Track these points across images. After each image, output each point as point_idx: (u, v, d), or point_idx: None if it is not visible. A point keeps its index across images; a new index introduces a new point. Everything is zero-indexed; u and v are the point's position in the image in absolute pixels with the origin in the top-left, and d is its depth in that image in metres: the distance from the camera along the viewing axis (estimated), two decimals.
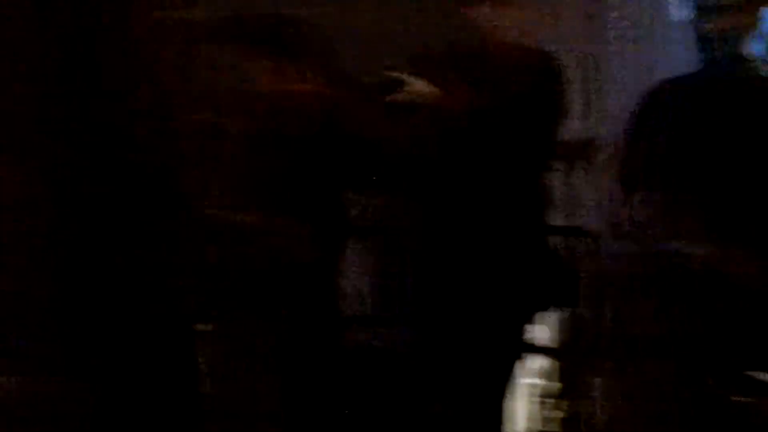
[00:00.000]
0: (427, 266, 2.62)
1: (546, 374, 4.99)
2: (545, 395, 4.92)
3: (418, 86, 2.48)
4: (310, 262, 2.45)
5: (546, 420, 4.71)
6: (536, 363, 5.10)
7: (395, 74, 2.52)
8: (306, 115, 2.46)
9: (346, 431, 2.58)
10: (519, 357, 2.64)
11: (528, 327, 2.63)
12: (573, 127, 5.11)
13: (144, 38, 2.02)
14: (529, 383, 5.06)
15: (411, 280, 2.76)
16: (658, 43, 4.37)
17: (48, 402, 2.00)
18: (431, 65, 2.52)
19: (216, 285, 2.27)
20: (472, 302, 2.47)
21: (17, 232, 1.97)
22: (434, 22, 2.82)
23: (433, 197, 2.51)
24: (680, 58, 3.18)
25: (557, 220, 5.34)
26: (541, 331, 5.24)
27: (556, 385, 4.88)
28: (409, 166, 2.48)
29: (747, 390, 2.20)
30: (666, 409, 2.34)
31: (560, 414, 4.67)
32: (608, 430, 3.88)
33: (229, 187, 2.42)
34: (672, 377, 2.44)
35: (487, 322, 2.49)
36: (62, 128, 1.97)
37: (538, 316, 2.99)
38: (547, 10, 2.97)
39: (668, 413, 2.33)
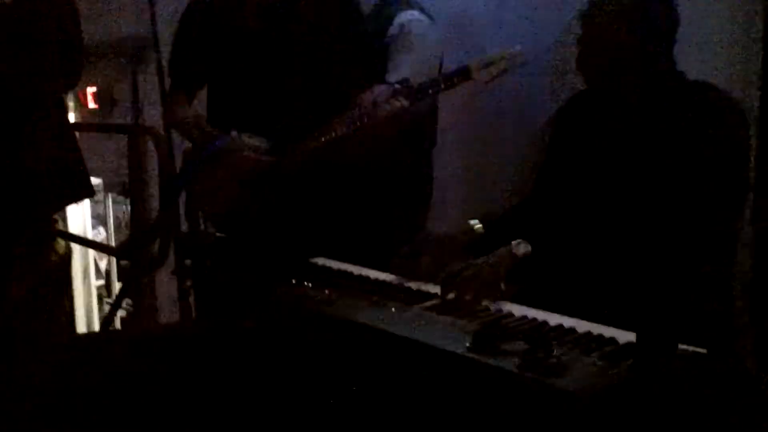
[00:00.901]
0: None
1: (109, 275, 5.16)
2: (111, 295, 5.05)
3: None
4: None
5: (113, 318, 4.64)
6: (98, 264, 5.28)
7: None
8: None
9: None
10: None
11: None
12: None
13: None
14: (94, 284, 5.13)
15: None
16: None
17: None
18: None
19: None
20: None
21: None
22: None
23: None
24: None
25: None
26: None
27: (120, 285, 5.00)
28: None
29: None
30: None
31: (124, 312, 4.79)
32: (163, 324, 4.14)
33: None
34: None
35: None
36: None
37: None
38: None
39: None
